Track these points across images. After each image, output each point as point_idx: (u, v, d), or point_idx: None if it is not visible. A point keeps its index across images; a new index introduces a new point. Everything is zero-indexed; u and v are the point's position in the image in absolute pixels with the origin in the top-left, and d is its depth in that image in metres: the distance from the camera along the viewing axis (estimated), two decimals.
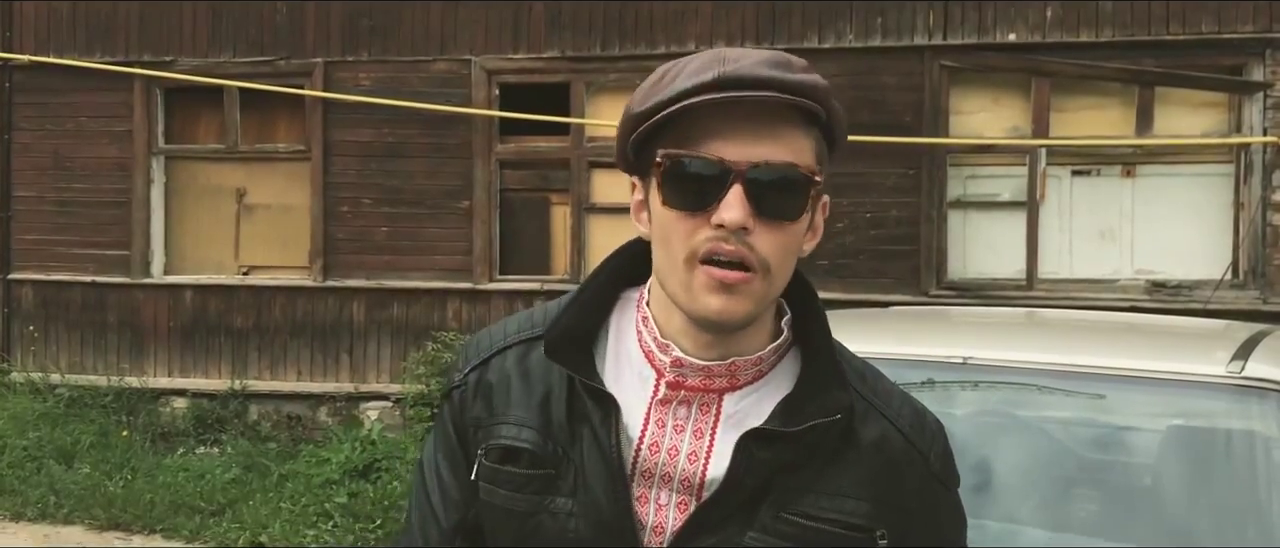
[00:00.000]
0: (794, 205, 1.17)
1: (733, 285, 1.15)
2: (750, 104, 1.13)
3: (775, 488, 1.20)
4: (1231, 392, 2.48)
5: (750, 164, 1.14)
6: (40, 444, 7.88)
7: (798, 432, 1.19)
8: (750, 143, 1.14)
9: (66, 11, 8.99)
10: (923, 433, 1.29)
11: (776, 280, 1.19)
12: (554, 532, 1.22)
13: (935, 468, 1.28)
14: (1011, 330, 3.61)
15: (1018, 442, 2.84)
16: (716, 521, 1.19)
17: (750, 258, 1.15)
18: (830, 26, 7.88)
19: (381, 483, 7.04)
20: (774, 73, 1.15)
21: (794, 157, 1.16)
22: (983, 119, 7.86)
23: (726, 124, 1.14)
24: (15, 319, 9.10)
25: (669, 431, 1.22)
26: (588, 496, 1.21)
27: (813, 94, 1.17)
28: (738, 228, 1.13)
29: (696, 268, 1.16)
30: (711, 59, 1.16)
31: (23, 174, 9.07)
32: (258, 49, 8.69)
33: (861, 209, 7.83)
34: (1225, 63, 7.47)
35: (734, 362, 1.22)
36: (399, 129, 8.48)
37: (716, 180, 1.14)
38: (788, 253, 1.19)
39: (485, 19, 8.36)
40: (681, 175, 1.16)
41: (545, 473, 1.23)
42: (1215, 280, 7.11)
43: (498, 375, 1.30)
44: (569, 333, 1.25)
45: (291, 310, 8.70)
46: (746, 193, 1.13)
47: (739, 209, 1.13)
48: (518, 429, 1.25)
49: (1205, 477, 2.60)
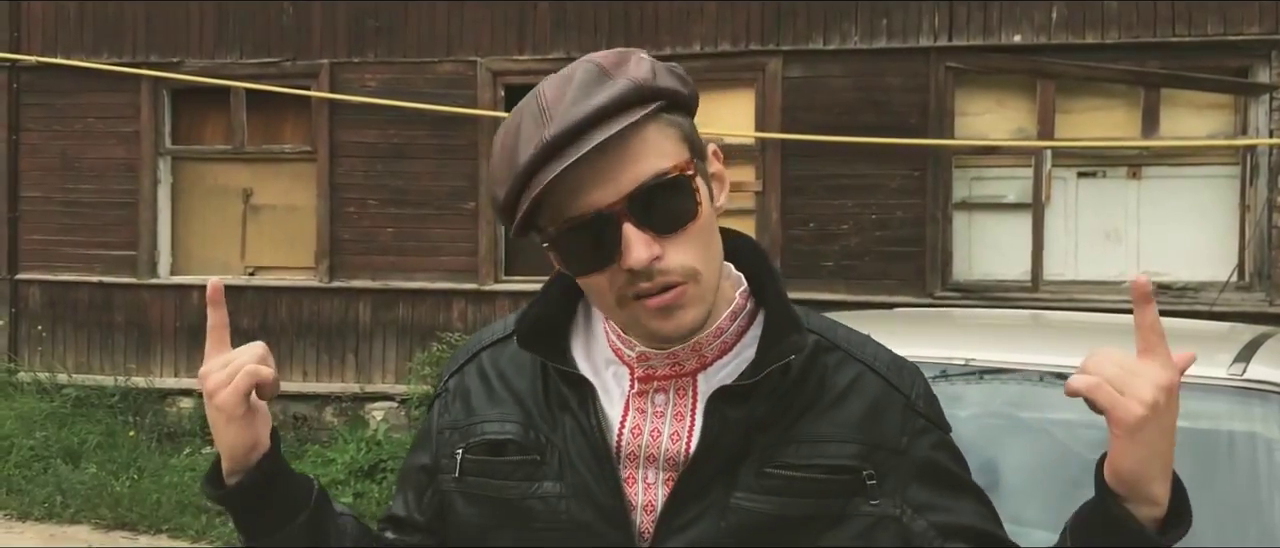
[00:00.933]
0: (686, 207, 1.15)
1: (670, 305, 1.15)
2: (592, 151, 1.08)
3: (755, 447, 1.20)
4: (1233, 394, 2.48)
5: (625, 198, 1.11)
6: (47, 444, 7.91)
7: (758, 382, 1.18)
8: (613, 175, 1.11)
9: (74, 12, 9.03)
10: (901, 374, 1.28)
11: (708, 275, 1.18)
12: (546, 515, 1.23)
13: (919, 407, 1.27)
14: (1015, 332, 3.61)
15: (1021, 443, 2.84)
16: (700, 487, 1.19)
17: (673, 278, 1.14)
18: (835, 28, 7.89)
19: (387, 483, 7.06)
20: (594, 101, 1.10)
21: (660, 162, 1.13)
22: (988, 121, 7.86)
23: (582, 176, 1.10)
24: (22, 319, 9.13)
25: (649, 416, 1.23)
26: (576, 478, 1.22)
27: (635, 96, 1.12)
28: (648, 264, 1.12)
29: (630, 305, 1.16)
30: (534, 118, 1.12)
31: (30, 174, 9.11)
32: (264, 50, 8.72)
33: (867, 210, 7.83)
34: (1231, 65, 7.46)
35: (697, 342, 1.22)
36: (405, 130, 8.50)
37: (604, 229, 1.12)
38: (704, 246, 1.17)
39: (491, 20, 8.38)
40: (572, 245, 1.15)
41: (530, 459, 1.25)
42: (1221, 282, 7.10)
43: (475, 378, 1.34)
44: (539, 324, 1.28)
45: (297, 311, 8.72)
46: (637, 223, 1.11)
47: (640, 248, 1.11)
48: (500, 423, 1.28)
49: (1207, 479, 2.60)
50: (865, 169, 7.82)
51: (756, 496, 1.19)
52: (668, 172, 1.13)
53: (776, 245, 7.91)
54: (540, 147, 1.10)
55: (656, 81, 1.15)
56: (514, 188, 1.13)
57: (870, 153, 7.76)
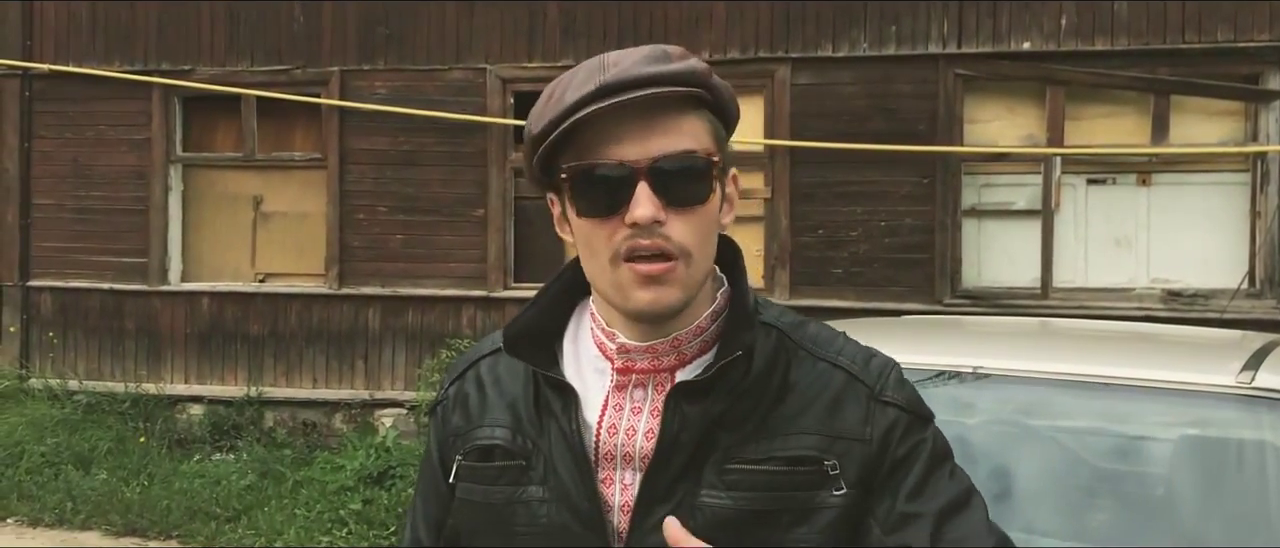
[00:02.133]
0: (700, 190, 1.22)
1: (658, 276, 1.20)
2: (639, 103, 1.17)
3: (719, 445, 1.22)
4: (1242, 402, 2.47)
5: (650, 160, 1.18)
6: (58, 450, 7.94)
7: (715, 378, 1.21)
8: (646, 139, 1.19)
9: (86, 21, 9.08)
10: (867, 367, 1.29)
11: (699, 262, 1.23)
12: (528, 519, 1.27)
13: (885, 396, 1.26)
14: (1023, 340, 3.61)
15: (1029, 451, 2.83)
16: (665, 487, 1.22)
17: (669, 247, 1.19)
18: (845, 35, 7.89)
19: (396, 490, 7.07)
20: (654, 68, 1.19)
21: (691, 143, 1.21)
22: (997, 127, 7.85)
23: (620, 127, 1.19)
24: (34, 326, 9.17)
25: (626, 413, 1.26)
26: (557, 482, 1.26)
27: (693, 80, 1.21)
28: (650, 223, 1.18)
29: (621, 266, 1.21)
30: (594, 68, 1.21)
31: (42, 182, 9.15)
32: (275, 58, 8.76)
33: (876, 217, 7.83)
34: (1241, 71, 7.44)
35: (676, 337, 1.26)
36: (414, 137, 8.53)
37: (622, 183, 1.19)
38: (704, 235, 1.23)
39: (500, 27, 8.40)
40: (589, 185, 1.21)
41: (517, 464, 1.29)
42: (1231, 289, 7.07)
43: (473, 386, 1.38)
44: (527, 332, 1.31)
45: (307, 317, 8.75)
46: (652, 187, 1.18)
47: (648, 205, 1.18)
48: (491, 429, 1.33)
49: (1216, 486, 2.60)
50: (874, 176, 7.82)
51: (720, 493, 1.21)
52: (695, 152, 1.21)
53: (785, 252, 7.91)
54: (597, 86, 1.18)
55: (711, 79, 1.25)
56: (557, 116, 1.19)
57: (879, 160, 7.75)
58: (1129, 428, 2.84)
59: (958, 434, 2.79)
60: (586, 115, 1.17)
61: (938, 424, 1.31)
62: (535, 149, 1.24)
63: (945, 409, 2.87)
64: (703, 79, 1.23)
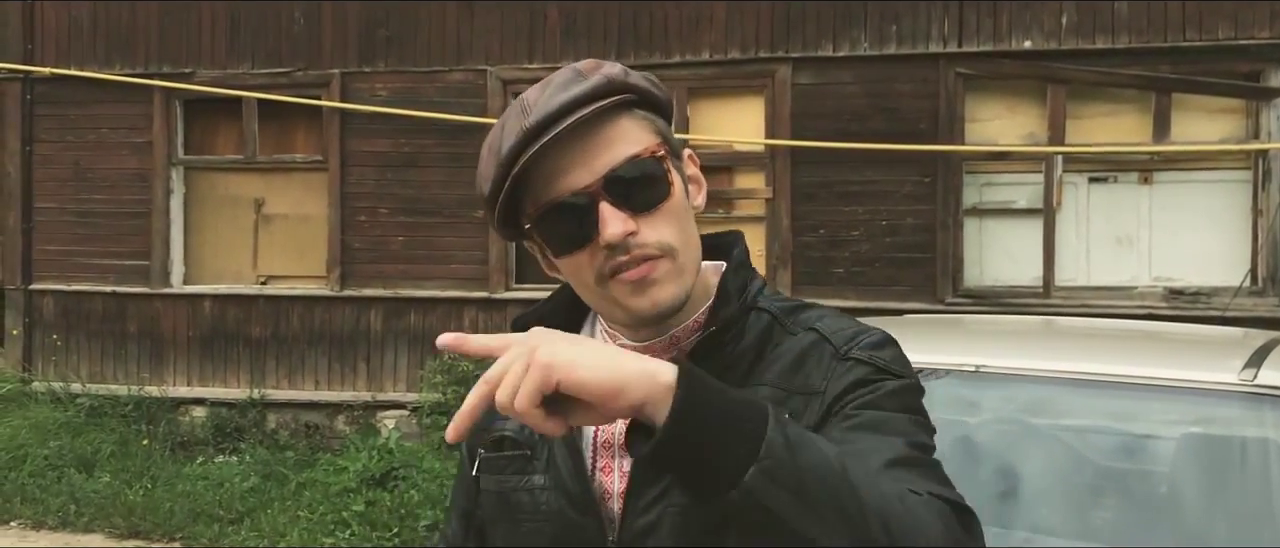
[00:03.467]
0: (659, 188, 1.23)
1: (646, 278, 1.21)
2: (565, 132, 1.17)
3: None
4: (1244, 399, 2.47)
5: (601, 178, 1.19)
6: (61, 453, 7.95)
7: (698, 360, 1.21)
8: (590, 161, 1.20)
9: (87, 24, 9.09)
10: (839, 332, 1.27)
11: (685, 252, 1.24)
12: (530, 506, 1.32)
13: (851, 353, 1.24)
14: (1025, 339, 3.61)
15: (1032, 450, 2.83)
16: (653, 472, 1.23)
17: (649, 251, 1.21)
18: (845, 34, 7.89)
19: (398, 492, 7.07)
20: (569, 94, 1.19)
21: (633, 147, 1.21)
22: (998, 126, 7.85)
23: (561, 159, 1.19)
24: (37, 329, 9.18)
25: None
26: (556, 471, 1.30)
27: (609, 89, 1.21)
28: (623, 238, 1.19)
29: (609, 283, 1.22)
30: (517, 113, 1.21)
31: (44, 185, 9.16)
32: (275, 60, 8.77)
33: (877, 217, 7.82)
34: (1242, 69, 7.43)
35: (674, 334, 1.29)
36: (415, 139, 8.53)
37: (584, 210, 1.20)
38: (681, 226, 1.24)
39: (500, 29, 8.41)
40: (554, 224, 1.22)
41: (523, 454, 1.34)
42: (1234, 287, 7.07)
43: None
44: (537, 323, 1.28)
45: (309, 320, 8.75)
46: (613, 203, 1.19)
47: (615, 222, 1.18)
48: (504, 421, 1.34)
49: (1219, 484, 2.60)
50: (875, 175, 7.82)
51: None
52: (639, 154, 1.21)
53: (787, 252, 7.91)
54: (521, 134, 1.18)
55: (628, 79, 1.24)
56: (498, 176, 1.21)
57: (880, 159, 7.75)
58: (1132, 426, 2.84)
59: (961, 433, 2.80)
60: (524, 165, 1.18)
61: (942, 421, 1.30)
62: (492, 210, 1.24)
63: (948, 408, 2.88)
64: (619, 84, 1.23)
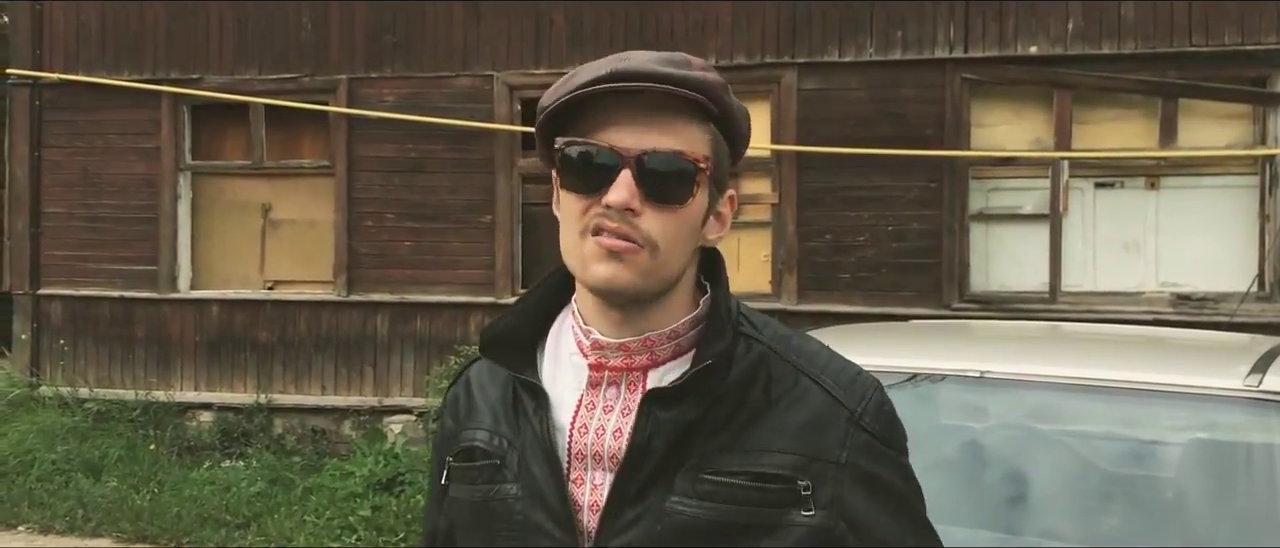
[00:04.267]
0: (680, 191, 1.23)
1: (618, 253, 1.22)
2: (644, 97, 1.21)
3: (693, 452, 1.23)
4: (1251, 405, 2.47)
5: (640, 151, 1.21)
6: (69, 458, 7.97)
7: (690, 385, 1.22)
8: (641, 132, 1.22)
9: (95, 30, 9.12)
10: (850, 391, 1.29)
11: (666, 259, 1.24)
12: (504, 515, 1.30)
13: (864, 422, 1.27)
14: (1032, 344, 3.61)
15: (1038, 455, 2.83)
16: (636, 490, 1.23)
17: (634, 235, 1.22)
18: (851, 40, 7.89)
19: (405, 496, 7.08)
20: (666, 69, 1.22)
21: (683, 146, 1.23)
22: (1004, 131, 7.84)
23: (621, 115, 1.22)
24: (45, 334, 9.21)
25: (598, 412, 1.28)
26: (530, 480, 1.29)
27: (701, 88, 1.23)
28: (622, 208, 1.20)
29: (588, 239, 1.24)
30: (613, 58, 1.25)
31: (52, 190, 9.19)
32: (283, 66, 8.79)
33: (883, 222, 7.82)
34: (1249, 74, 7.42)
35: (649, 337, 1.28)
36: (422, 144, 8.55)
37: (608, 166, 1.22)
38: (677, 235, 1.25)
39: (507, 34, 8.43)
40: (577, 161, 1.24)
41: (492, 463, 1.33)
42: (1241, 293, 7.05)
43: (463, 391, 1.42)
44: (505, 335, 1.34)
45: (316, 324, 8.77)
46: (635, 178, 1.21)
47: (624, 191, 1.20)
48: (474, 431, 1.37)
49: (1225, 490, 2.59)
50: (881, 181, 7.81)
51: (690, 501, 1.22)
52: (684, 153, 1.23)
53: (793, 257, 7.91)
54: (608, 72, 1.22)
55: (723, 96, 1.27)
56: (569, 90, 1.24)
57: (886, 164, 7.75)
58: (1138, 432, 2.84)
59: (967, 439, 2.80)
60: (590, 94, 1.21)
61: (947, 427, 1.32)
62: (541, 119, 1.27)
63: (954, 414, 2.88)
64: (711, 91, 1.24)
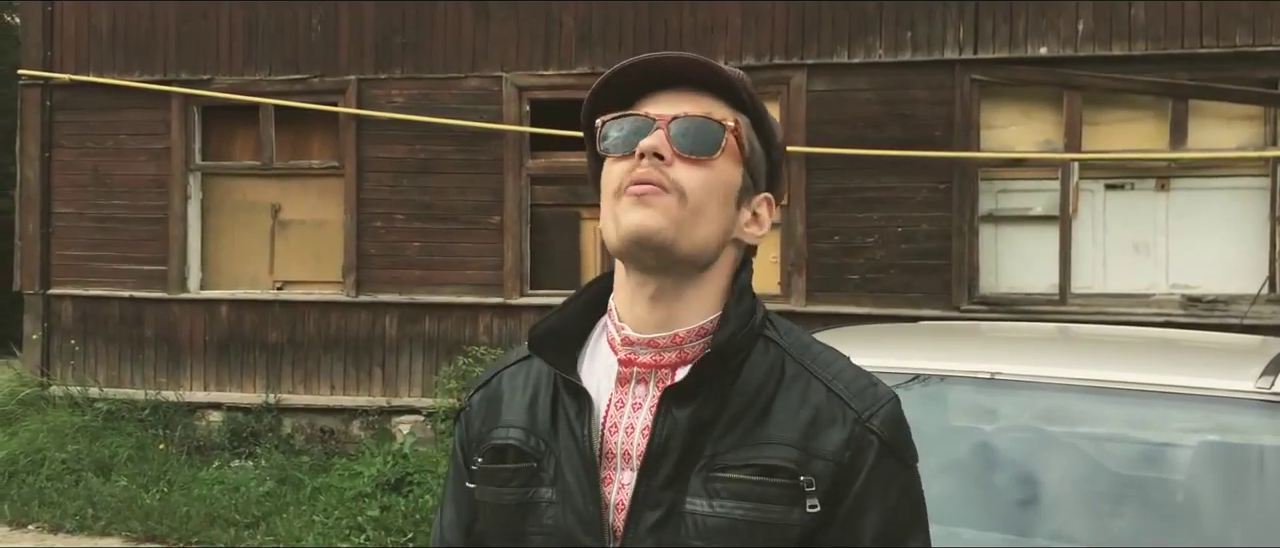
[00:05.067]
0: (709, 142, 1.28)
1: (646, 197, 1.25)
2: (674, 80, 1.30)
3: (707, 452, 1.24)
4: (1262, 407, 2.46)
5: (672, 116, 1.28)
6: (79, 457, 8.00)
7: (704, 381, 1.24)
8: (672, 104, 1.30)
9: (106, 32, 9.15)
10: (861, 396, 1.29)
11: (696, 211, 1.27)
12: (536, 521, 1.30)
13: (872, 426, 1.26)
14: (1041, 345, 3.60)
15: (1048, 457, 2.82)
16: (656, 490, 1.24)
17: (663, 180, 1.26)
18: (860, 41, 7.88)
19: (413, 496, 7.09)
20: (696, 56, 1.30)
21: (713, 113, 1.30)
22: (1014, 133, 7.83)
23: (658, 94, 1.31)
24: (55, 334, 9.24)
25: (627, 410, 1.29)
26: (564, 485, 1.29)
27: (738, 81, 1.31)
28: (652, 152, 1.25)
29: (620, 198, 1.27)
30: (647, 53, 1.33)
31: (63, 191, 9.23)
32: (292, 67, 8.81)
33: (892, 223, 7.81)
34: (1260, 76, 7.40)
35: (677, 333, 1.29)
36: (431, 145, 8.56)
37: (640, 127, 1.29)
38: (707, 191, 1.28)
39: (516, 35, 8.43)
40: (614, 128, 1.31)
41: (528, 467, 1.32)
42: (1252, 295, 7.03)
43: (496, 393, 1.41)
44: (552, 334, 1.35)
45: (325, 325, 8.78)
46: (668, 136, 1.27)
47: (655, 137, 1.26)
48: (506, 430, 1.36)
49: (1237, 492, 2.58)
50: (891, 182, 7.80)
51: (703, 500, 1.23)
52: (712, 116, 1.30)
53: (801, 259, 7.90)
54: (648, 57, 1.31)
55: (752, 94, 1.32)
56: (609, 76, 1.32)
57: (895, 166, 7.74)
58: (1148, 434, 2.82)
59: (977, 441, 2.79)
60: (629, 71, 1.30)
61: (957, 428, 1.31)
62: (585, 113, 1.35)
63: (964, 416, 2.87)
64: (747, 87, 1.31)
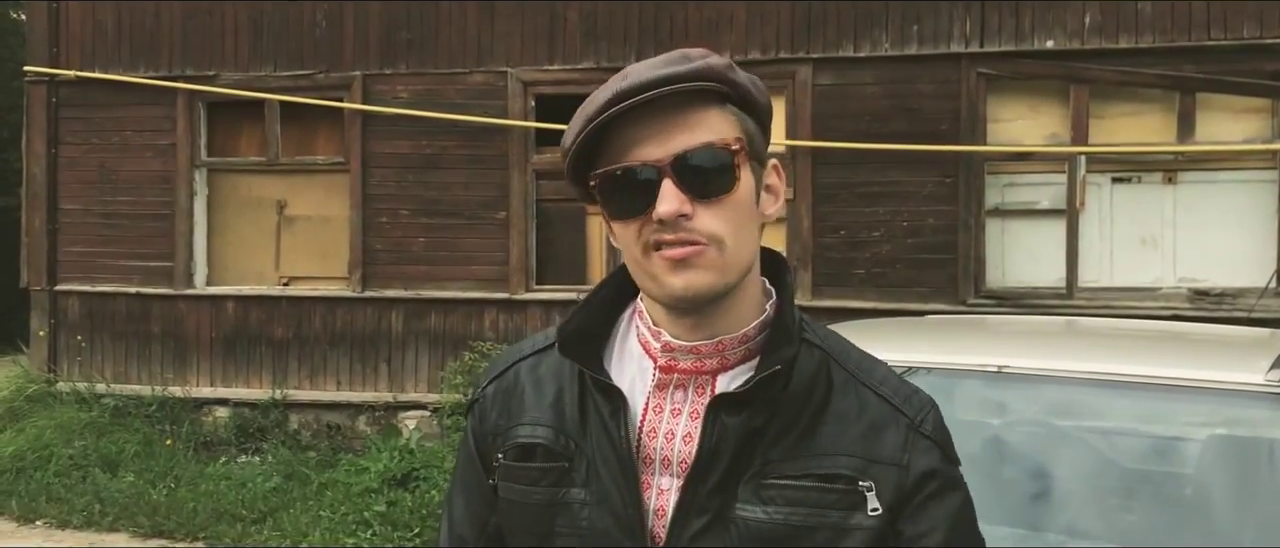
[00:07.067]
0: (724, 180, 1.22)
1: (687, 260, 1.20)
2: (656, 105, 1.20)
3: (757, 459, 1.23)
4: (1271, 400, 2.45)
5: (672, 157, 1.20)
6: (86, 453, 8.02)
7: (755, 390, 1.22)
8: (667, 139, 1.21)
9: (111, 28, 9.16)
10: (909, 402, 1.29)
11: (733, 249, 1.22)
12: (568, 521, 1.28)
13: (925, 430, 1.27)
14: (1048, 339, 3.59)
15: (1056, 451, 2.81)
16: (704, 497, 1.22)
17: (695, 237, 1.20)
18: (866, 35, 7.87)
19: (419, 492, 7.09)
20: (668, 70, 1.21)
21: (711, 136, 1.22)
22: (1021, 126, 7.80)
23: (641, 130, 1.21)
24: (62, 330, 9.26)
25: (666, 415, 1.27)
26: (599, 486, 1.26)
27: (708, 75, 1.22)
28: (675, 217, 1.19)
29: (652, 256, 1.22)
30: (615, 79, 1.23)
31: (69, 187, 9.24)
32: (297, 63, 8.81)
33: (898, 218, 7.80)
34: (1267, 69, 7.36)
35: (721, 341, 1.26)
36: (436, 141, 8.56)
37: (648, 182, 1.21)
38: (738, 224, 1.23)
39: (521, 31, 8.43)
40: (616, 189, 1.24)
41: (559, 466, 1.30)
42: (1259, 288, 7.00)
43: (514, 385, 1.38)
44: (579, 332, 1.32)
45: (331, 321, 8.79)
46: (677, 183, 1.20)
47: (671, 200, 1.19)
48: (532, 428, 1.33)
49: (1246, 485, 2.57)
50: (897, 176, 7.79)
51: (756, 507, 1.22)
52: (714, 143, 1.22)
53: (807, 253, 7.89)
54: (612, 95, 1.21)
55: (730, 73, 1.25)
56: (580, 130, 1.23)
57: (902, 160, 7.73)
58: (1156, 428, 2.81)
59: (985, 435, 2.78)
60: (605, 121, 1.20)
61: (965, 422, 1.31)
62: (567, 163, 1.26)
63: (972, 410, 2.86)
64: (719, 74, 1.23)
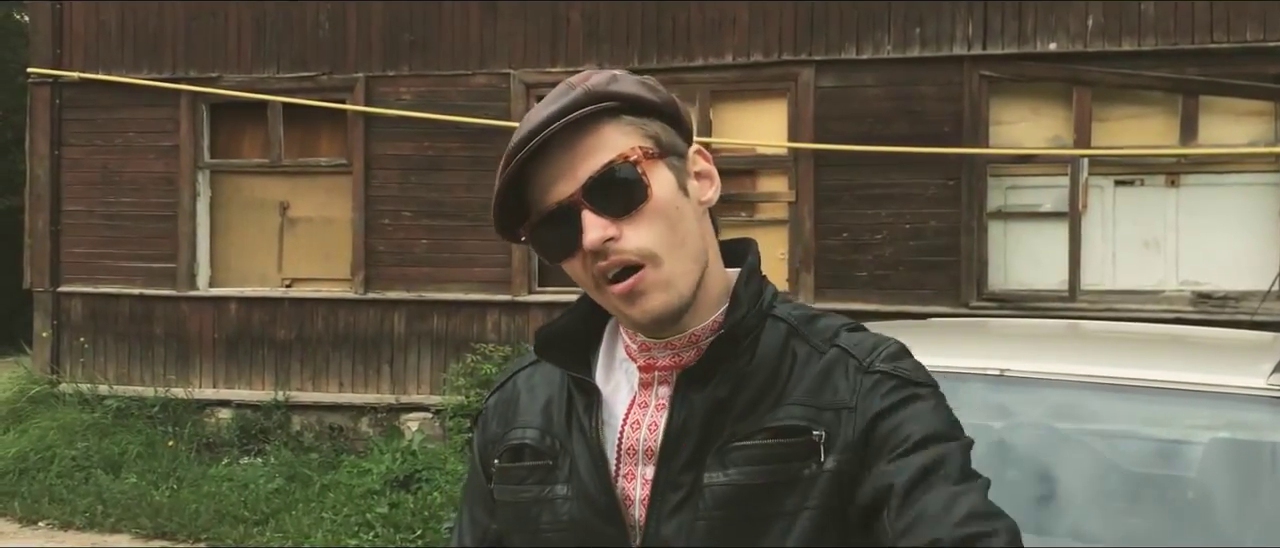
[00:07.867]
0: (636, 192, 1.23)
1: (632, 291, 1.23)
2: (558, 142, 1.22)
3: (724, 431, 1.25)
4: (1274, 404, 2.45)
5: (581, 188, 1.22)
6: (88, 454, 8.03)
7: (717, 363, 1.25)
8: (573, 171, 1.23)
9: (115, 29, 9.18)
10: (860, 345, 1.29)
11: (669, 259, 1.24)
12: (551, 517, 1.31)
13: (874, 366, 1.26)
14: (1050, 342, 3.58)
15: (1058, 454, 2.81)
16: (677, 473, 1.25)
17: (628, 258, 1.22)
18: (868, 37, 7.86)
19: (422, 494, 7.09)
20: (554, 106, 1.23)
21: (610, 154, 1.23)
22: (1023, 129, 7.80)
23: (550, 170, 1.23)
24: (65, 331, 9.27)
25: (650, 410, 1.30)
26: (578, 480, 1.30)
27: (587, 99, 1.24)
28: (602, 245, 1.21)
29: (605, 290, 1.25)
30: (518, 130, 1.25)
31: (72, 188, 9.25)
32: (300, 64, 8.82)
33: (901, 220, 7.79)
34: (1270, 71, 7.35)
35: (693, 332, 1.29)
36: (439, 142, 8.56)
37: (565, 220, 1.23)
38: (667, 228, 1.24)
39: (524, 32, 8.43)
40: (545, 236, 1.26)
41: (544, 464, 1.34)
42: (1262, 291, 7.00)
43: (512, 395, 1.43)
44: (561, 335, 1.35)
45: (333, 322, 8.80)
46: (594, 210, 1.22)
47: (594, 229, 1.21)
48: (522, 430, 1.38)
49: (1249, 489, 2.57)
50: (899, 178, 7.79)
51: (718, 473, 1.24)
52: (613, 161, 1.23)
53: (810, 255, 7.89)
54: (513, 146, 1.23)
55: (611, 88, 1.26)
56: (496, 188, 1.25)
57: (904, 162, 7.72)
58: (1159, 431, 2.81)
59: (987, 438, 2.78)
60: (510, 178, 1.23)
61: (966, 425, 1.29)
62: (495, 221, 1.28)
63: (973, 413, 2.86)
64: (602, 92, 1.25)
